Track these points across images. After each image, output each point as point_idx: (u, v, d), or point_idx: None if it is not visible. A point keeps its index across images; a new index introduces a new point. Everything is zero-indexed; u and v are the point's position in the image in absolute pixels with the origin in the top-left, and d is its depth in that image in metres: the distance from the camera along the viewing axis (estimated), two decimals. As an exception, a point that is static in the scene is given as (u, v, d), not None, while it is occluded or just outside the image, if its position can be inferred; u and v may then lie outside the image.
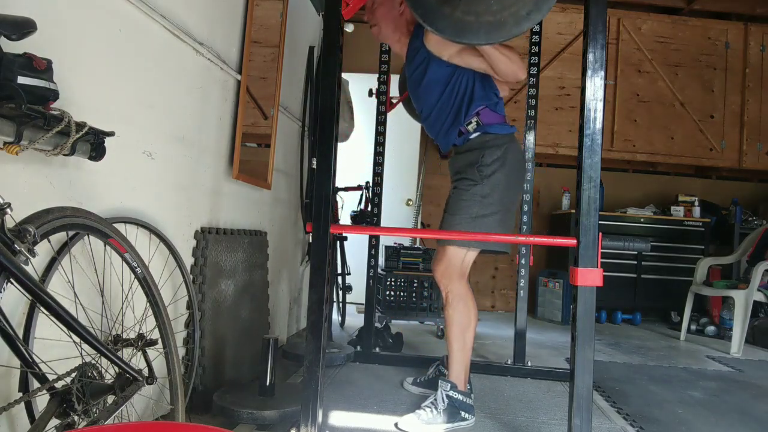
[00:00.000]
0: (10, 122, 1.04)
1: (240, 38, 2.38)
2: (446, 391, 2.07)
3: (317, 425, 1.66)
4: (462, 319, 2.10)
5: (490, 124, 2.13)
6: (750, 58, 5.22)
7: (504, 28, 1.50)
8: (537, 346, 3.66)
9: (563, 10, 5.11)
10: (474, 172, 2.09)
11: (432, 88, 2.16)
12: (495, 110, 2.16)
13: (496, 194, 2.07)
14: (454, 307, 2.10)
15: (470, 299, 2.12)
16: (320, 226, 1.68)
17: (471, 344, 2.14)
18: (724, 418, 2.34)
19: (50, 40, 1.26)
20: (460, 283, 2.11)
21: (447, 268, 2.10)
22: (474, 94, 2.12)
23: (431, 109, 2.20)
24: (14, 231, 1.03)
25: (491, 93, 2.16)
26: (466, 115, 2.13)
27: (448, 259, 2.10)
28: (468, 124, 2.13)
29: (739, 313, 3.79)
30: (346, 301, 4.00)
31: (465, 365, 2.12)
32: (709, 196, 5.44)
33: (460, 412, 2.05)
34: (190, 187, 2.05)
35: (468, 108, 2.12)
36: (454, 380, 2.09)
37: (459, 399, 2.06)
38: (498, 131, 2.12)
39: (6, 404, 0.99)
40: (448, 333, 2.13)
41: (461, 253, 2.09)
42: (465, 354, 2.12)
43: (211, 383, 2.05)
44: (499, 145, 2.10)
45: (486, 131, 2.12)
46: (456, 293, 2.10)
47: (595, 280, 1.57)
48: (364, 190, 3.83)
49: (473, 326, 2.13)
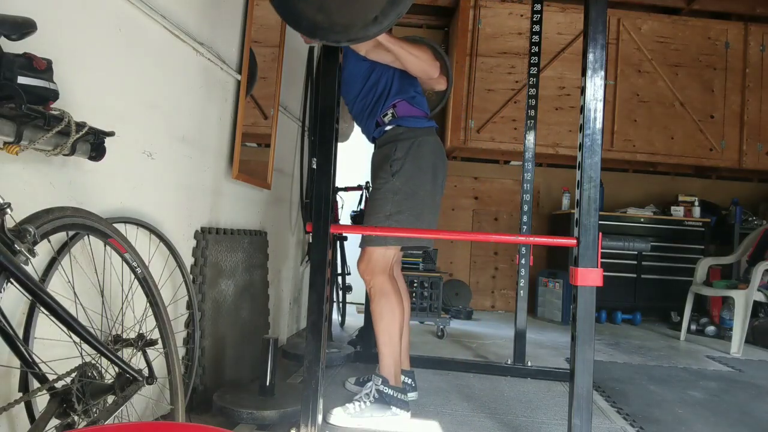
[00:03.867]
0: (10, 122, 1.04)
1: (240, 38, 2.38)
2: (377, 385, 2.08)
3: (317, 425, 1.66)
4: (385, 312, 2.10)
5: (404, 116, 2.19)
6: (750, 58, 5.22)
7: (352, 30, 1.53)
8: (537, 346, 3.66)
9: (563, 10, 5.11)
10: (387, 167, 2.13)
11: (353, 81, 2.27)
12: (412, 104, 2.22)
13: (408, 188, 2.09)
14: (377, 301, 2.12)
15: (393, 293, 2.12)
16: (320, 226, 1.68)
17: (398, 338, 2.13)
18: (724, 418, 2.34)
19: (50, 40, 1.26)
20: (382, 279, 2.12)
21: (367, 265, 2.13)
22: (392, 88, 2.22)
23: (354, 101, 2.31)
24: (14, 231, 1.03)
25: (409, 88, 2.25)
26: (381, 106, 2.21)
27: (367, 257, 2.13)
28: (384, 116, 2.21)
29: (739, 313, 3.79)
30: (346, 301, 4.00)
31: (394, 359, 2.12)
32: (709, 196, 5.44)
33: (390, 406, 2.05)
34: (190, 187, 2.05)
35: (385, 99, 2.21)
36: (385, 375, 2.10)
37: (389, 393, 2.06)
38: (411, 124, 2.18)
39: (6, 404, 0.99)
40: (375, 328, 2.14)
41: (380, 250, 2.11)
42: (392, 348, 2.11)
43: (211, 383, 2.05)
44: (410, 137, 2.14)
45: (399, 124, 2.18)
46: (377, 288, 2.12)
47: (595, 280, 1.57)
48: (364, 190, 3.83)
49: (398, 320, 2.12)
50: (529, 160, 2.92)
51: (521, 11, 5.09)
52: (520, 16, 5.10)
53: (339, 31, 1.53)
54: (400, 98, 2.21)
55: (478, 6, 5.10)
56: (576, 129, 1.64)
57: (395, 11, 1.50)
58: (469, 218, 5.59)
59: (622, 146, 5.15)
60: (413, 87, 2.26)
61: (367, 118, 2.28)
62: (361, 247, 2.16)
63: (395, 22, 1.53)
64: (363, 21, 1.51)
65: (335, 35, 1.54)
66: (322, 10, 1.52)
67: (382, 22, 1.51)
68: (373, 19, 1.50)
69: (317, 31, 1.54)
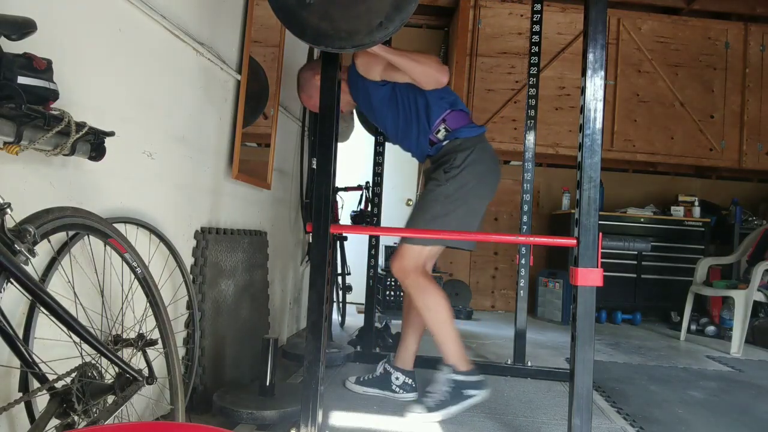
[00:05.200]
0: (10, 122, 1.04)
1: (240, 38, 2.38)
2: (448, 375, 2.11)
3: (317, 425, 1.66)
4: (429, 304, 2.12)
5: (458, 128, 2.17)
6: (750, 58, 5.22)
7: (357, 37, 1.52)
8: (537, 346, 3.65)
9: (563, 10, 5.11)
10: (440, 173, 2.14)
11: (383, 110, 2.23)
12: (458, 109, 2.20)
13: (459, 194, 2.11)
14: (418, 297, 2.14)
15: (430, 285, 2.14)
16: (320, 226, 1.68)
17: (450, 323, 2.14)
18: (724, 418, 2.34)
19: (50, 40, 1.26)
20: (414, 275, 2.13)
21: (400, 262, 2.15)
22: (429, 101, 2.17)
23: (395, 129, 2.27)
24: (14, 231, 1.03)
25: (444, 94, 2.20)
26: (429, 124, 2.18)
27: (401, 253, 2.15)
28: (437, 133, 2.18)
29: (739, 313, 3.79)
30: (346, 301, 4.00)
31: (455, 344, 2.14)
32: (709, 196, 5.44)
33: (466, 391, 2.08)
34: (190, 187, 2.05)
35: (428, 116, 2.17)
36: (452, 362, 2.13)
37: (461, 380, 2.10)
38: (466, 134, 2.17)
39: (6, 404, 0.99)
40: (426, 323, 2.17)
41: (416, 248, 2.14)
42: (449, 334, 2.13)
43: (211, 383, 2.05)
44: (468, 147, 2.14)
45: (456, 137, 2.16)
46: (414, 286, 2.14)
47: (595, 280, 1.57)
48: (364, 190, 3.83)
49: (443, 306, 2.13)
50: (529, 160, 2.91)
51: (521, 11, 5.10)
52: (520, 16, 5.10)
53: (344, 37, 1.52)
54: (445, 110, 2.17)
55: (478, 6, 5.10)
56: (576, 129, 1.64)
57: (400, 16, 1.49)
58: (469, 218, 5.59)
59: (622, 146, 5.15)
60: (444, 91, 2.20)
61: (416, 139, 2.22)
62: (400, 243, 2.18)
63: (400, 28, 1.52)
64: (368, 27, 1.51)
65: (340, 42, 1.53)
66: (326, 17, 1.51)
67: (387, 27, 1.50)
68: (378, 25, 1.50)
69: (322, 38, 1.53)
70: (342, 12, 1.52)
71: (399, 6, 1.49)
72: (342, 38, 1.52)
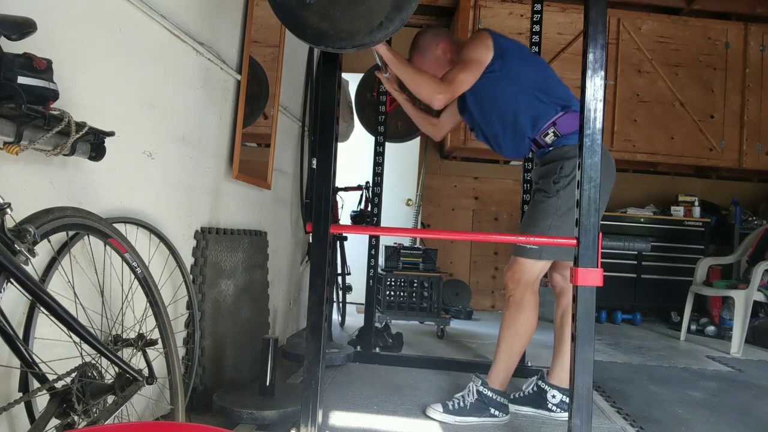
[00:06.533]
0: (10, 122, 1.04)
1: (240, 38, 2.38)
2: (477, 386, 2.10)
3: (317, 425, 1.66)
4: (516, 324, 2.10)
5: (567, 134, 2.05)
6: (750, 58, 5.22)
7: (357, 37, 1.52)
8: (537, 346, 3.65)
9: (563, 10, 5.11)
10: (549, 184, 2.05)
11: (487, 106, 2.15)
12: (570, 112, 2.07)
13: (570, 204, 1.96)
14: (512, 310, 2.11)
15: (530, 309, 2.09)
16: (320, 226, 1.68)
17: (518, 352, 2.14)
18: (724, 418, 2.33)
19: (50, 40, 1.26)
20: (523, 290, 2.09)
21: (513, 274, 2.12)
22: (537, 102, 2.08)
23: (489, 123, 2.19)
24: (14, 231, 1.03)
25: (553, 97, 2.10)
26: (534, 128, 2.09)
27: (516, 266, 2.11)
28: (545, 136, 2.09)
29: (739, 313, 3.78)
30: (346, 301, 4.00)
31: (507, 370, 2.13)
32: (709, 196, 5.44)
33: (489, 408, 2.07)
34: (190, 187, 2.05)
35: (533, 116, 2.08)
36: (491, 379, 2.11)
37: (488, 395, 2.08)
38: (576, 141, 2.03)
39: (6, 404, 0.99)
40: (500, 332, 2.15)
41: (529, 263, 2.09)
42: (509, 360, 2.12)
43: (211, 383, 2.05)
44: (576, 155, 2.04)
45: (564, 143, 2.06)
46: (517, 299, 2.10)
47: (596, 280, 1.57)
48: (364, 190, 3.83)
49: (525, 336, 2.11)
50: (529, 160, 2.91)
51: (521, 11, 5.09)
52: (520, 16, 5.09)
53: (344, 37, 1.52)
54: (558, 111, 2.07)
55: (478, 6, 5.10)
56: (576, 129, 1.64)
57: (400, 16, 1.49)
58: (470, 218, 5.59)
59: (622, 146, 5.14)
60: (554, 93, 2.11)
61: (512, 138, 2.15)
62: (513, 256, 2.14)
63: (400, 27, 1.52)
64: (368, 27, 1.50)
65: (340, 42, 1.53)
66: (326, 17, 1.51)
67: (387, 27, 1.50)
68: (378, 25, 1.50)
69: (322, 39, 1.53)
70: (342, 12, 1.52)
71: (399, 6, 1.49)
72: (342, 38, 1.53)
